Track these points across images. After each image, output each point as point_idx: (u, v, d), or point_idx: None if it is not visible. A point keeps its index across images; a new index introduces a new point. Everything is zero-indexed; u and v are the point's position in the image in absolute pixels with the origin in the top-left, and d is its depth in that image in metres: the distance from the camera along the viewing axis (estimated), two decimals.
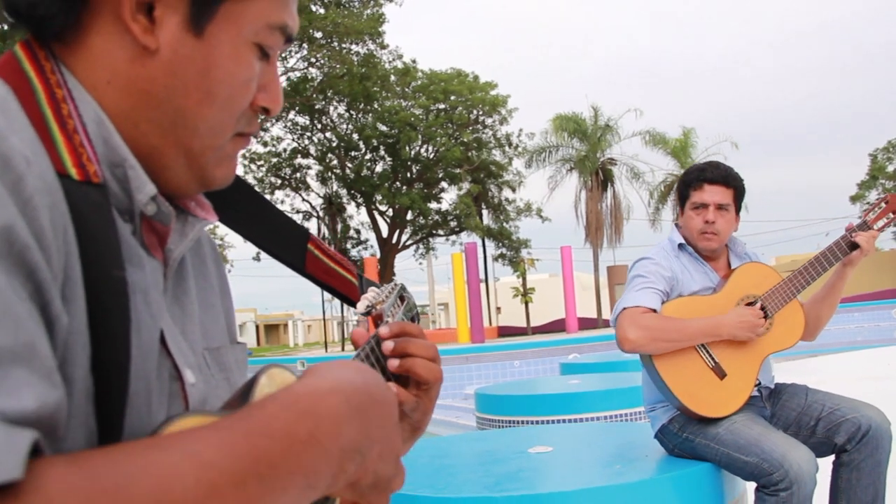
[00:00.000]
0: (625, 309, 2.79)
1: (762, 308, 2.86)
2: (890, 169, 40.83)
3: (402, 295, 0.99)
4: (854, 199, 42.63)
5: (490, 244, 36.24)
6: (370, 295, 0.92)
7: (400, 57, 32.58)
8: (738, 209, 3.00)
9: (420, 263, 38.61)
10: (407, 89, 33.14)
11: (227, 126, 0.73)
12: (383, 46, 31.37)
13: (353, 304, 0.98)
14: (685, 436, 2.81)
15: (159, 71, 0.68)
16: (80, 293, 0.57)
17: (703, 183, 2.96)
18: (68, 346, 0.55)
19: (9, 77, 0.64)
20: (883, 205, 2.97)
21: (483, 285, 31.99)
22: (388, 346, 0.85)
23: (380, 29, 30.45)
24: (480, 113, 33.79)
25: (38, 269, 0.52)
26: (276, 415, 0.56)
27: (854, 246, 2.89)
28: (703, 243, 2.95)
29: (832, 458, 2.77)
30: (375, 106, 32.46)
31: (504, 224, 35.96)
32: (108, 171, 0.66)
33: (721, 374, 2.78)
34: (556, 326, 31.46)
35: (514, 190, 35.97)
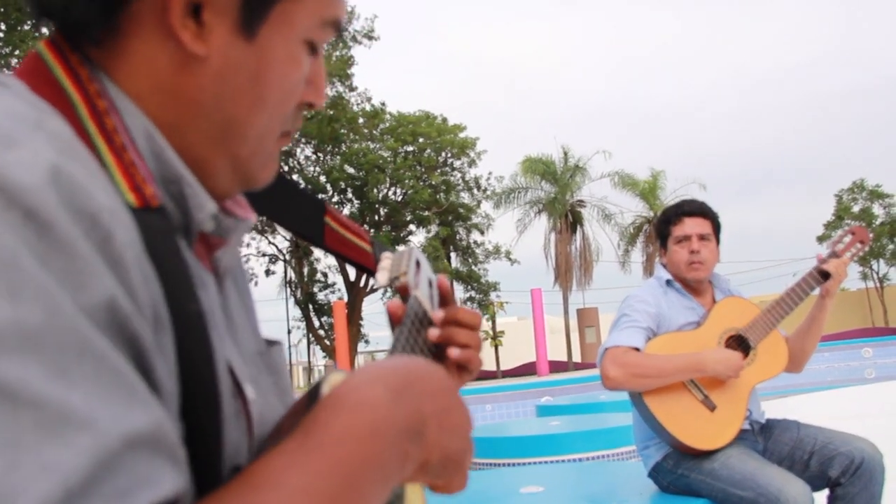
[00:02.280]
0: (607, 349, 2.83)
1: (745, 339, 2.92)
2: (855, 209, 41.70)
3: (418, 260, 0.97)
4: (821, 239, 43.39)
5: (459, 287, 36.19)
6: (386, 264, 0.91)
7: (369, 99, 32.69)
8: (717, 240, 3.10)
9: None
10: (375, 131, 33.16)
11: (275, 129, 0.68)
12: (352, 89, 31.58)
13: (371, 273, 0.96)
14: (680, 472, 2.80)
15: (208, 79, 0.62)
16: (170, 341, 0.53)
17: (683, 217, 3.07)
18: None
19: (42, 89, 0.56)
20: (849, 236, 3.07)
21: None
22: (433, 334, 0.87)
23: (349, 71, 30.69)
24: (449, 155, 33.88)
25: (139, 336, 0.48)
26: (331, 421, 0.54)
27: (826, 275, 2.95)
28: (691, 274, 3.01)
29: (826, 492, 2.76)
30: (343, 148, 32.40)
31: (473, 267, 35.93)
32: (163, 189, 0.60)
33: (711, 406, 2.80)
34: (527, 370, 31.36)
35: (482, 233, 36.04)
